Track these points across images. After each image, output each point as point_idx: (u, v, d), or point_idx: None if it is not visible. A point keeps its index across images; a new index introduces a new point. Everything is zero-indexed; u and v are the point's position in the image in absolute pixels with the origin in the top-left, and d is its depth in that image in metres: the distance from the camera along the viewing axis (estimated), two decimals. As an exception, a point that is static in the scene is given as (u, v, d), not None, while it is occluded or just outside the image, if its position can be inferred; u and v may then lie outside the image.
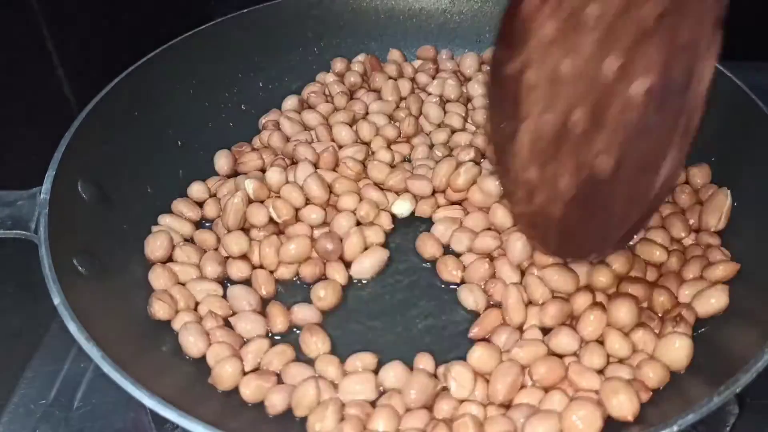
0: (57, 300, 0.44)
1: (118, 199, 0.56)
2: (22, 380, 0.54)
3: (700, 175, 0.58)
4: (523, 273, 0.52)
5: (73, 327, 0.43)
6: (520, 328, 0.49)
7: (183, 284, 0.52)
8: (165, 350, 0.49)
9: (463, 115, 0.66)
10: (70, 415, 0.52)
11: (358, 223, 0.56)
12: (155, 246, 0.54)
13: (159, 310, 0.50)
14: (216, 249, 0.55)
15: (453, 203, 0.58)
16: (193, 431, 0.39)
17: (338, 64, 0.70)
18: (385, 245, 0.56)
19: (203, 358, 0.48)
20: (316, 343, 0.48)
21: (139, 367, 0.44)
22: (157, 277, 0.52)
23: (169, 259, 0.54)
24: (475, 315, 0.51)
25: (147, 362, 0.46)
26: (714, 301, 0.48)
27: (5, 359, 0.56)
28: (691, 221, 0.55)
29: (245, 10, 0.68)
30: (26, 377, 0.54)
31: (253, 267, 0.54)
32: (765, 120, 0.54)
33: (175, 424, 0.39)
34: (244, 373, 0.47)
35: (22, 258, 0.50)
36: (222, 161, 0.62)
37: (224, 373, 0.46)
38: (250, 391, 0.46)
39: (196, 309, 0.51)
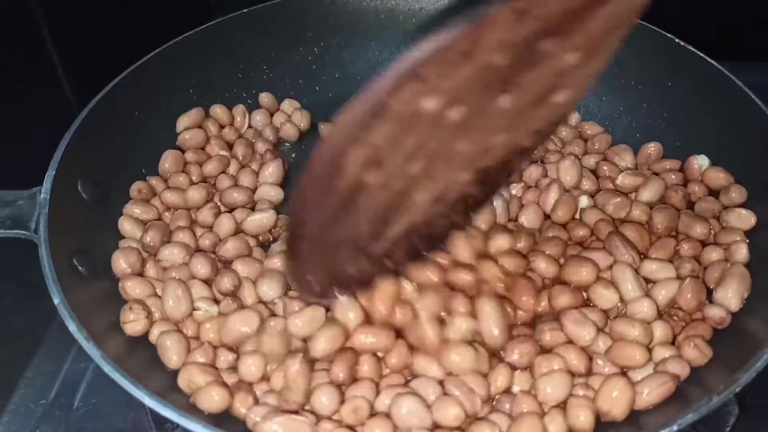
0: (57, 300, 0.44)
1: (119, 199, 0.56)
2: (22, 380, 0.54)
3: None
4: None
5: (73, 327, 0.43)
6: None
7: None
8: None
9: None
10: (70, 415, 0.52)
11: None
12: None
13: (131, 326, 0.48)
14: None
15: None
16: (193, 431, 0.39)
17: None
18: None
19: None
20: None
21: (139, 367, 0.44)
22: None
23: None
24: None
25: (147, 362, 0.47)
26: None
27: (5, 359, 0.56)
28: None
29: (245, 10, 0.68)
30: (26, 377, 0.54)
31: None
32: (765, 120, 0.54)
33: (175, 423, 0.39)
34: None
35: (22, 258, 0.50)
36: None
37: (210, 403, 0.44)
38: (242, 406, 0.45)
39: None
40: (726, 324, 0.48)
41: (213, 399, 0.44)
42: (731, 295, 0.48)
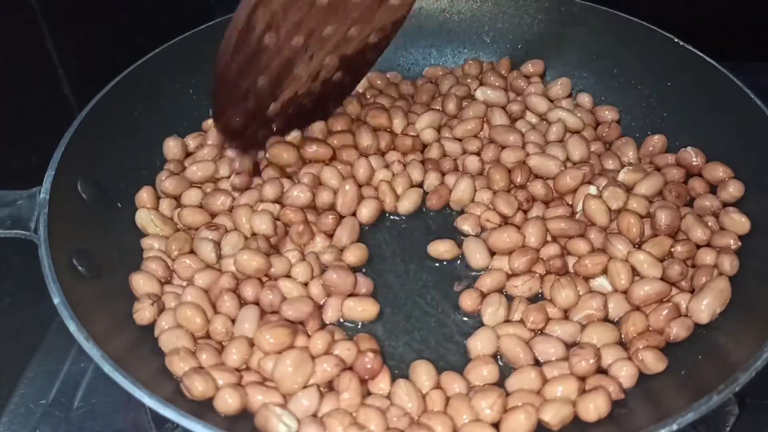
0: (57, 300, 0.44)
1: (118, 198, 0.56)
2: (22, 380, 0.54)
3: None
4: None
5: (73, 327, 0.43)
6: None
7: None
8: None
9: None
10: (70, 415, 0.52)
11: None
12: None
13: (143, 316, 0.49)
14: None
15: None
16: (193, 431, 0.39)
17: None
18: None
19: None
20: None
21: (139, 367, 0.44)
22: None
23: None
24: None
25: (147, 362, 0.46)
26: None
27: (5, 359, 0.56)
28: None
29: (245, 10, 0.68)
30: (26, 377, 0.54)
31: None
32: (765, 120, 0.54)
33: (175, 423, 0.39)
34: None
35: (22, 258, 0.50)
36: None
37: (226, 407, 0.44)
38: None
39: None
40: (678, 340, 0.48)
41: (226, 401, 0.43)
42: (704, 309, 0.48)
